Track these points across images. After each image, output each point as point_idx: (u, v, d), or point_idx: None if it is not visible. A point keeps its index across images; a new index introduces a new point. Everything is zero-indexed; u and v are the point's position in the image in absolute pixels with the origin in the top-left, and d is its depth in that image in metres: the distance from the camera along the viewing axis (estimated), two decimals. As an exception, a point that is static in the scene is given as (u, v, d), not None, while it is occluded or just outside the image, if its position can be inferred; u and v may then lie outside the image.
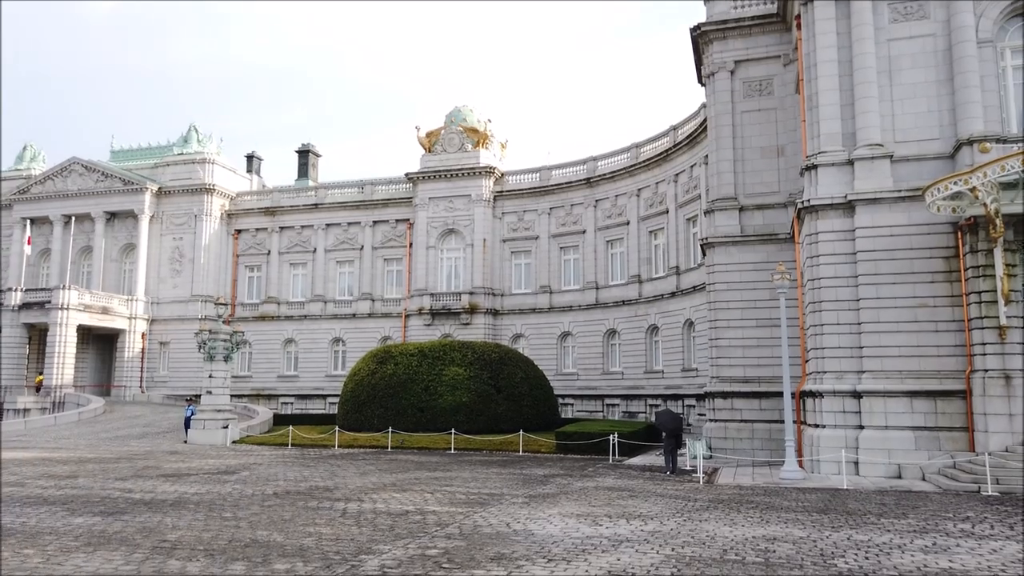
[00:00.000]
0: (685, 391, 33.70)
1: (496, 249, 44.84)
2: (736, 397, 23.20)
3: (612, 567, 9.03)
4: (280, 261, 49.56)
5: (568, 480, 18.11)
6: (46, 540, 10.41)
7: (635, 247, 39.53)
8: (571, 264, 43.23)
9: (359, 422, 30.77)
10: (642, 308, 38.41)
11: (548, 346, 42.40)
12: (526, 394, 31.20)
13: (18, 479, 17.75)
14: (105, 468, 20.43)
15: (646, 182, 38.99)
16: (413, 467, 21.11)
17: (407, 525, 11.79)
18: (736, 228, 24.33)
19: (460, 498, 14.85)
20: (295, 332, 48.06)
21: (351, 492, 15.70)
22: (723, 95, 25.27)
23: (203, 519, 12.22)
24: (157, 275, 49.77)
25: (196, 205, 49.62)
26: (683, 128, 35.92)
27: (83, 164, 51.27)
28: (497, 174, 45.22)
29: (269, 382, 47.74)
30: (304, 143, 58.76)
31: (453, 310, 43.65)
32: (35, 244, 51.59)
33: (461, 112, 46.88)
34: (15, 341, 44.53)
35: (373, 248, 47.82)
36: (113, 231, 51.00)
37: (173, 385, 47.86)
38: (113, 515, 12.54)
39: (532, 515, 12.77)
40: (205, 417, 31.02)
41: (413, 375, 30.74)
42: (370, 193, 48.39)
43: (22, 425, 36.57)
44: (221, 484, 17.00)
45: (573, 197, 43.07)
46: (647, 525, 11.87)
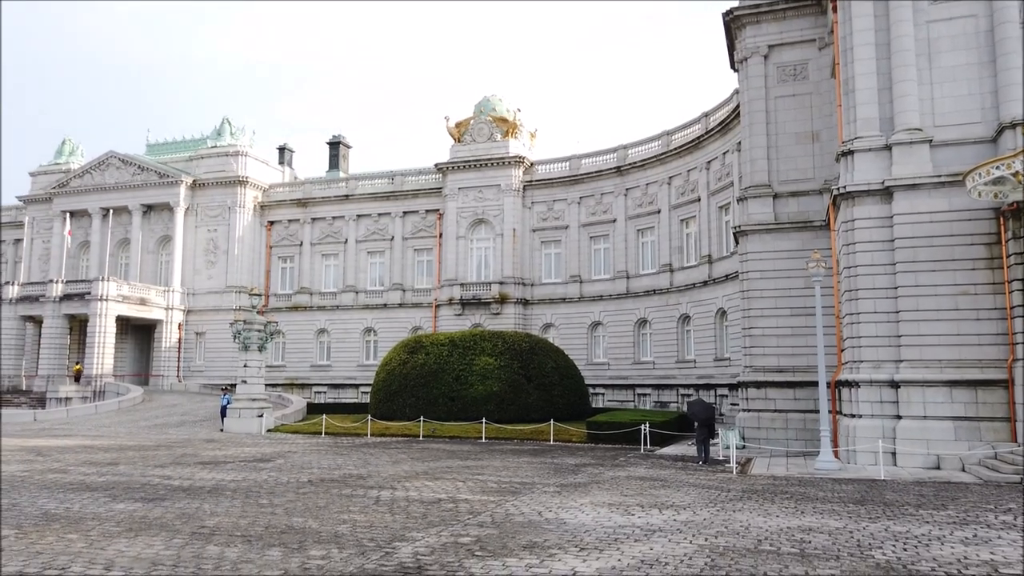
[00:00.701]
0: (717, 381, 33.42)
1: (526, 239, 44.79)
2: (770, 387, 22.93)
3: (645, 556, 9.00)
4: (312, 252, 50.05)
5: (599, 469, 18.08)
6: (89, 525, 10.67)
7: (666, 236, 39.20)
8: (601, 253, 43.02)
9: (391, 411, 31.04)
10: (673, 297, 38.12)
11: (578, 336, 42.31)
12: (556, 383, 31.19)
13: (61, 466, 18.23)
14: (145, 456, 20.89)
15: (677, 170, 38.60)
16: (445, 456, 21.24)
17: (439, 513, 11.87)
18: (770, 215, 23.97)
19: (492, 487, 14.91)
20: (327, 322, 48.55)
21: (384, 480, 15.85)
22: (756, 80, 24.86)
23: (240, 506, 12.43)
24: (193, 266, 50.60)
25: (230, 197, 50.29)
26: (715, 115, 35.47)
27: (120, 158, 52.23)
28: (526, 163, 45.11)
29: (302, 371, 48.34)
30: (335, 135, 59.19)
31: (483, 300, 43.73)
32: (75, 237, 52.79)
33: (490, 102, 46.80)
34: (57, 332, 45.62)
35: (403, 238, 48.07)
36: (150, 223, 51.93)
37: (209, 374, 48.70)
38: (153, 501, 12.81)
39: (564, 504, 12.77)
40: (240, 406, 31.52)
41: (444, 365, 30.89)
42: (400, 184, 48.60)
43: (64, 413, 37.51)
44: (257, 472, 17.27)
45: (603, 186, 42.80)
46: (680, 515, 11.80)
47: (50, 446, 23.92)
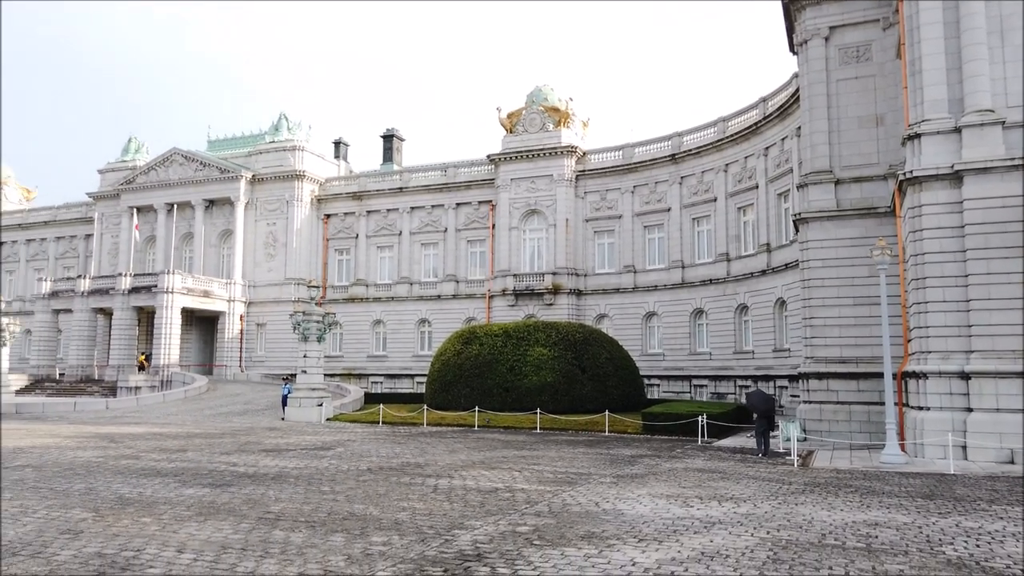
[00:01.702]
0: (776, 372, 32.75)
1: (579, 229, 44.58)
2: (832, 378, 22.36)
3: (705, 548, 8.90)
4: (368, 244, 50.79)
5: (656, 461, 17.94)
6: (161, 509, 11.08)
7: (723, 224, 38.53)
8: (655, 243, 42.54)
9: (446, 401, 31.34)
10: (731, 287, 37.47)
11: (633, 326, 41.97)
12: (611, 374, 31.01)
13: (133, 452, 18.96)
14: (211, 443, 21.56)
15: (734, 157, 37.86)
16: (500, 446, 21.36)
17: (497, 502, 11.94)
18: (831, 202, 23.31)
19: (548, 477, 14.94)
20: (383, 313, 49.25)
21: (441, 469, 16.03)
22: (817, 63, 24.14)
23: (303, 492, 12.74)
24: (253, 259, 51.89)
25: (288, 191, 51.35)
26: (773, 99, 34.64)
27: (183, 154, 53.82)
28: (579, 153, 44.84)
29: (359, 362, 49.17)
30: (388, 128, 59.88)
31: (536, 291, 43.72)
32: (141, 231, 54.68)
33: (542, 92, 46.62)
34: (126, 323, 47.36)
35: (457, 230, 48.36)
36: (212, 217, 53.42)
37: (270, 364, 49.95)
38: (220, 487, 13.22)
39: (621, 495, 12.72)
40: (300, 395, 32.24)
41: (498, 355, 31.02)
42: (453, 176, 48.87)
43: (134, 402, 38.96)
44: (318, 459, 17.66)
45: (657, 174, 42.27)
46: (740, 507, 11.63)
47: (122, 433, 24.90)
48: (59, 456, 17.94)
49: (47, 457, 17.69)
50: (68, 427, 27.60)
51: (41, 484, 13.40)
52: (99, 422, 30.48)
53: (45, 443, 21.25)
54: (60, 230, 61.22)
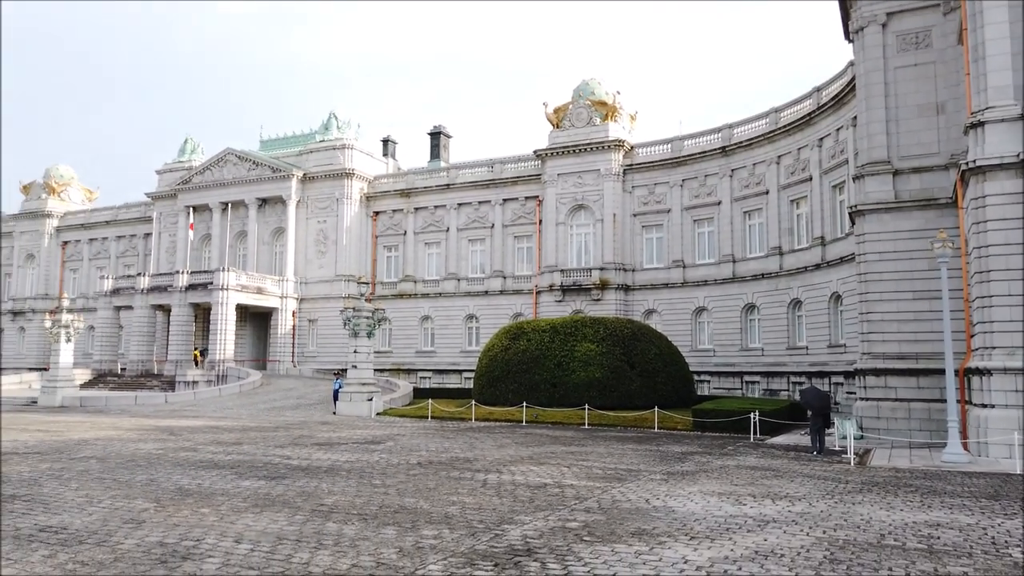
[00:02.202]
0: (832, 368, 31.99)
1: (626, 224, 44.21)
2: (890, 374, 21.72)
3: (759, 547, 8.74)
4: (415, 241, 51.25)
5: (707, 458, 17.70)
6: (219, 500, 11.37)
7: (775, 217, 37.76)
8: (705, 237, 41.93)
9: (494, 397, 31.44)
10: (783, 281, 36.71)
11: (682, 321, 41.47)
12: (660, 370, 30.70)
13: (192, 445, 19.51)
14: (265, 436, 22.05)
15: (787, 148, 37.05)
16: (548, 441, 21.34)
17: (546, 497, 11.93)
18: (889, 194, 22.61)
19: (597, 473, 14.87)
20: (431, 309, 49.65)
21: (490, 464, 16.09)
22: (873, 51, 23.43)
23: (355, 485, 12.92)
24: (305, 256, 52.85)
25: (337, 189, 52.12)
26: (828, 89, 33.78)
27: (236, 154, 55.08)
28: (627, 147, 44.44)
29: (408, 357, 49.68)
30: (435, 125, 60.26)
31: (584, 286, 43.53)
32: (197, 230, 56.18)
33: (589, 85, 46.33)
34: (183, 319, 48.71)
35: (503, 226, 48.44)
36: (264, 216, 54.56)
37: (321, 360, 50.83)
38: (275, 479, 13.51)
39: (671, 492, 12.58)
40: (351, 390, 32.73)
41: (545, 351, 30.98)
42: (499, 172, 48.95)
43: (192, 396, 40.08)
44: (369, 453, 17.91)
45: (707, 167, 41.64)
46: (795, 506, 11.39)
47: (180, 426, 25.64)
48: (122, 448, 18.56)
49: (110, 449, 18.32)
50: (130, 420, 28.55)
51: (105, 475, 13.88)
52: (158, 415, 31.46)
53: (108, 435, 22.02)
54: (121, 229, 63.28)
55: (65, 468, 14.77)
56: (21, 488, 12.33)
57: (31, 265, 65.75)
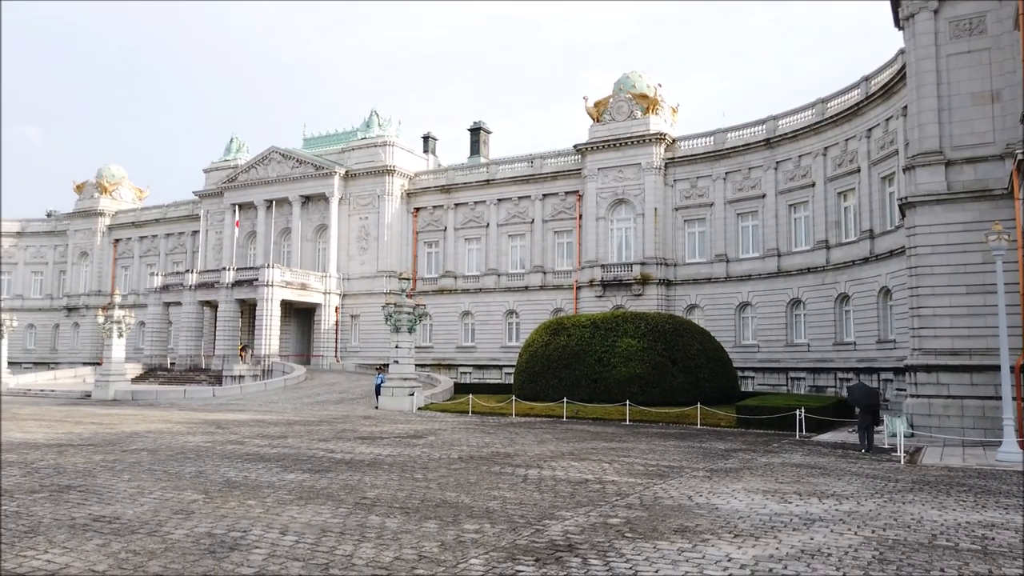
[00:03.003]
0: (880, 364, 31.23)
1: (668, 218, 43.75)
2: (942, 371, 21.12)
3: (805, 546, 8.58)
4: (456, 236, 51.47)
5: (751, 455, 17.43)
6: (265, 493, 11.57)
7: (821, 210, 36.97)
8: (749, 231, 41.26)
9: (534, 392, 31.43)
10: (830, 276, 35.94)
11: (725, 317, 40.91)
12: (703, 366, 30.34)
13: (238, 438, 19.91)
14: (310, 430, 22.40)
15: (834, 139, 36.22)
16: (589, 437, 21.26)
17: (587, 493, 11.88)
18: (941, 185, 21.95)
19: (638, 469, 14.76)
20: (471, 305, 49.83)
21: (531, 459, 16.09)
22: (925, 38, 22.75)
23: (397, 479, 13.04)
24: (347, 253, 53.50)
25: (379, 186, 52.62)
26: (876, 78, 32.91)
27: (280, 152, 55.97)
28: (668, 140, 43.95)
29: (448, 352, 49.96)
30: (475, 121, 60.35)
31: (624, 281, 43.23)
32: (242, 227, 57.28)
33: (630, 79, 45.91)
34: (230, 315, 49.72)
35: (543, 221, 48.35)
36: (308, 213, 55.36)
37: (363, 355, 51.43)
38: (319, 472, 13.70)
39: (714, 489, 12.42)
40: (393, 385, 33.05)
41: (586, 346, 30.86)
42: (539, 167, 48.85)
43: (238, 390, 40.90)
44: (411, 447, 18.06)
45: (751, 160, 40.95)
46: (842, 505, 11.15)
47: (227, 420, 26.19)
48: (171, 441, 19.03)
49: (161, 441, 18.80)
50: (179, 413, 29.27)
51: (156, 467, 14.25)
52: (206, 409, 32.19)
53: (159, 428, 22.60)
54: (170, 227, 64.84)
55: (118, 460, 15.20)
56: (76, 479, 12.73)
57: (85, 262, 67.81)
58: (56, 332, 68.29)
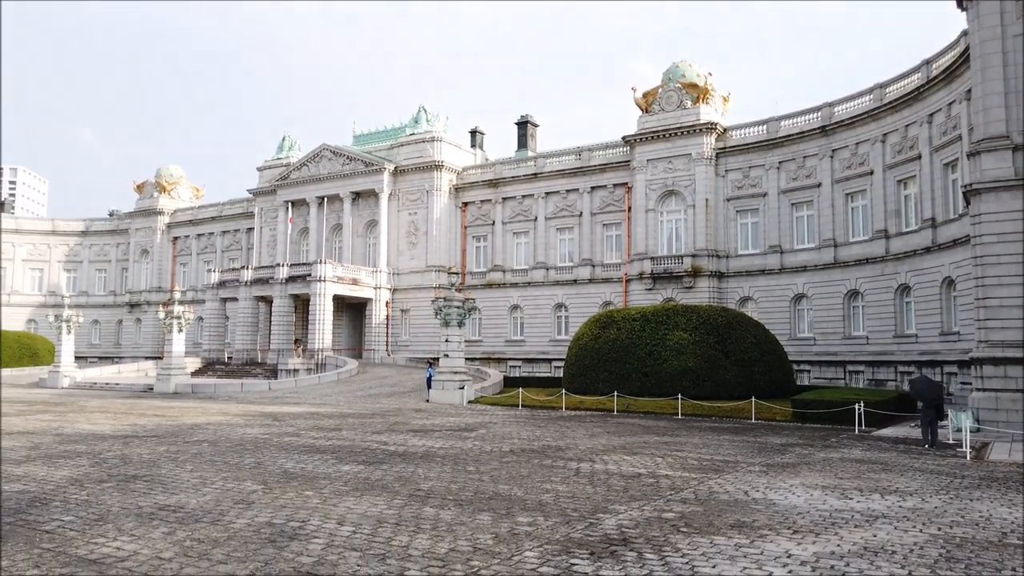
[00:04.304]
0: (944, 357, 30.21)
1: (719, 209, 43.04)
2: (1010, 364, 20.30)
3: (868, 543, 8.36)
4: (504, 230, 51.55)
5: (809, 450, 17.05)
6: (321, 484, 11.78)
7: (880, 199, 35.89)
8: (804, 221, 40.31)
9: (584, 386, 31.31)
10: (890, 266, 34.88)
11: (780, 309, 40.09)
12: (757, 359, 29.79)
13: (294, 430, 20.31)
14: (363, 422, 22.72)
15: (893, 125, 35.10)
16: (640, 431, 21.08)
17: (640, 487, 11.78)
18: (1008, 171, 21.07)
19: (692, 463, 14.57)
20: (520, 298, 49.88)
21: (582, 452, 16.03)
22: (990, 18, 21.83)
23: (450, 471, 13.13)
24: (396, 248, 54.09)
25: (427, 181, 53.02)
26: (938, 61, 31.77)
27: (331, 150, 56.84)
28: (719, 130, 43.20)
29: (497, 346, 50.13)
30: (523, 114, 60.29)
31: (675, 274, 42.71)
32: (295, 224, 58.39)
33: (679, 68, 45.25)
34: (284, 310, 50.76)
35: (592, 214, 48.07)
36: (358, 209, 56.13)
37: (414, 349, 51.96)
38: (373, 464, 13.89)
39: (771, 484, 12.19)
40: (443, 379, 33.31)
41: (636, 340, 30.58)
42: (587, 159, 48.55)
43: (293, 383, 41.75)
44: (462, 440, 18.17)
45: (806, 148, 39.97)
46: (906, 501, 10.83)
47: (283, 412, 26.75)
48: (231, 432, 19.52)
49: (220, 433, 19.30)
50: (236, 406, 30.01)
51: (216, 458, 14.63)
52: (263, 401, 32.94)
53: (218, 420, 23.21)
54: (225, 225, 66.47)
55: (180, 451, 15.66)
56: (142, 469, 13.16)
57: (145, 260, 70.02)
58: (119, 328, 70.72)
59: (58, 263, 72.03)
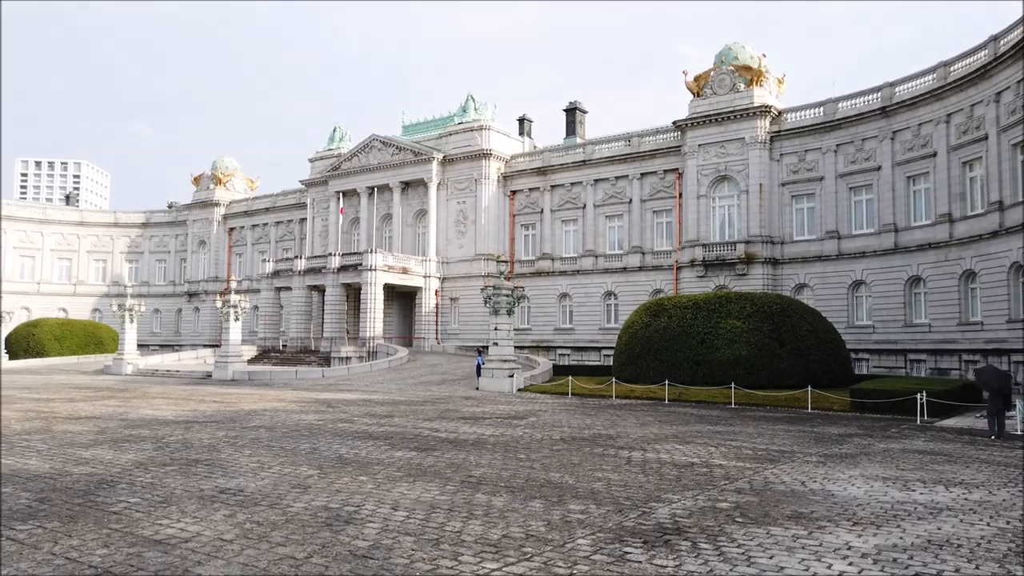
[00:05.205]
0: (1011, 345, 29.05)
1: (774, 194, 42.08)
2: (1084, 352, 19.43)
3: (932, 536, 8.10)
4: (552, 218, 51.35)
5: (868, 440, 16.61)
6: (375, 469, 11.95)
7: (943, 182, 34.59)
8: (862, 205, 39.13)
9: (634, 374, 31.07)
10: (954, 251, 33.65)
11: (837, 296, 39.07)
12: (813, 348, 29.12)
13: (348, 417, 20.66)
14: (414, 410, 22.98)
15: (957, 105, 33.74)
16: (693, 420, 20.83)
17: (693, 477, 11.64)
18: (1083, 150, 20.08)
19: (747, 453, 14.33)
20: (568, 286, 49.69)
21: (633, 441, 15.91)
22: (1064, -12, 20.78)
23: (501, 459, 13.18)
24: (445, 237, 54.39)
25: (475, 170, 53.11)
26: (1006, 37, 30.37)
27: (381, 140, 57.37)
28: (773, 113, 42.17)
29: (546, 334, 50.08)
30: (571, 101, 59.77)
31: (727, 261, 41.97)
32: (346, 214, 59.19)
33: (732, 50, 44.26)
34: (336, 299, 51.59)
35: (641, 200, 47.52)
36: (407, 199, 56.59)
37: (463, 337, 52.27)
38: (425, 451, 14.03)
39: (829, 475, 11.91)
40: (492, 367, 33.45)
41: (688, 328, 30.19)
42: (637, 145, 47.96)
43: (345, 371, 42.47)
44: (512, 428, 18.22)
45: (864, 130, 38.74)
46: (972, 494, 10.46)
47: (336, 399, 27.23)
48: (286, 419, 19.96)
49: (277, 419, 19.75)
50: (291, 393, 30.68)
51: (273, 443, 14.97)
52: (316, 388, 33.59)
53: (274, 407, 23.76)
54: (279, 215, 67.79)
55: (238, 436, 16.07)
56: (203, 454, 13.54)
57: (203, 250, 71.91)
58: (179, 316, 72.88)
59: (120, 254, 74.51)
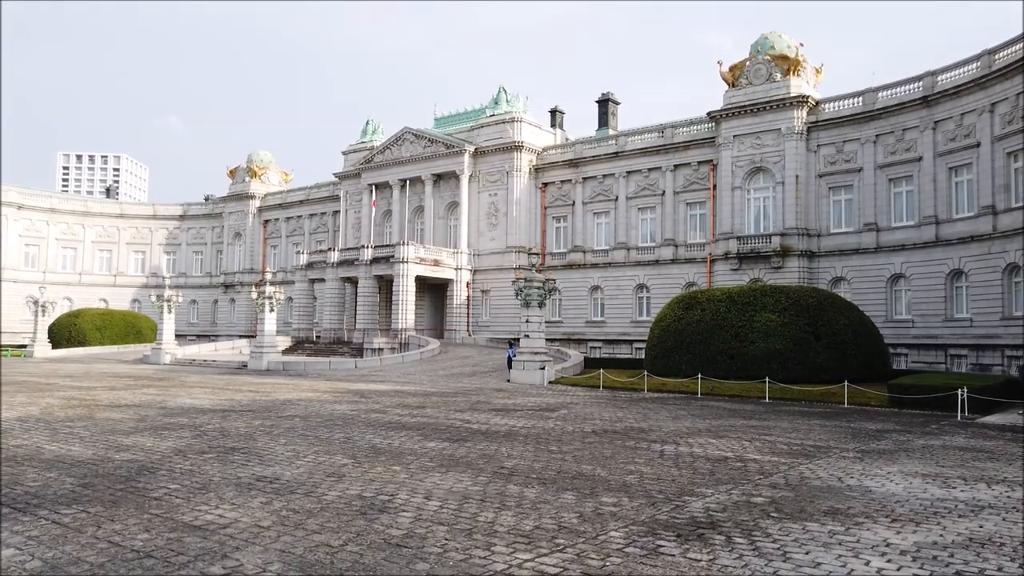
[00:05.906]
0: (1056, 341, 28.30)
1: (810, 185, 41.39)
2: None
3: (973, 534, 7.93)
4: (584, 211, 51.13)
5: (907, 436, 16.31)
6: (408, 459, 12.04)
7: (987, 173, 33.70)
8: (902, 197, 38.31)
9: (667, 368, 30.86)
10: (997, 244, 32.80)
11: (875, 290, 38.36)
12: (850, 342, 28.64)
13: (380, 407, 20.84)
14: (446, 401, 23.10)
15: (1002, 94, 32.82)
16: (726, 414, 20.64)
17: (727, 471, 11.54)
18: None
19: (781, 448, 14.16)
20: (600, 279, 49.47)
21: (666, 435, 15.81)
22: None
23: (532, 450, 13.20)
24: (477, 229, 54.48)
25: (507, 162, 53.06)
26: (1054, 23, 29.43)
27: (413, 133, 57.59)
28: (811, 103, 41.42)
29: (578, 327, 49.95)
30: (603, 92, 59.42)
31: (762, 253, 41.42)
32: (379, 206, 59.59)
33: (768, 39, 43.54)
34: (369, 291, 52.03)
35: (674, 192, 47.08)
36: (439, 191, 56.78)
37: (494, 329, 52.38)
38: (458, 442, 14.10)
39: (867, 471, 11.72)
40: (524, 359, 33.47)
41: (721, 321, 29.89)
42: (670, 136, 47.49)
43: (378, 362, 42.82)
44: (544, 420, 18.22)
45: (905, 120, 37.88)
46: (1014, 492, 10.22)
47: (369, 390, 27.49)
48: (320, 408, 20.21)
49: (311, 409, 20.00)
50: (325, 383, 31.03)
51: (308, 432, 15.17)
52: (349, 379, 33.95)
53: (308, 397, 24.06)
54: (313, 208, 68.49)
55: (274, 425, 16.31)
56: (240, 442, 13.77)
57: (238, 242, 72.98)
58: (215, 307, 74.11)
59: (159, 246, 75.95)
